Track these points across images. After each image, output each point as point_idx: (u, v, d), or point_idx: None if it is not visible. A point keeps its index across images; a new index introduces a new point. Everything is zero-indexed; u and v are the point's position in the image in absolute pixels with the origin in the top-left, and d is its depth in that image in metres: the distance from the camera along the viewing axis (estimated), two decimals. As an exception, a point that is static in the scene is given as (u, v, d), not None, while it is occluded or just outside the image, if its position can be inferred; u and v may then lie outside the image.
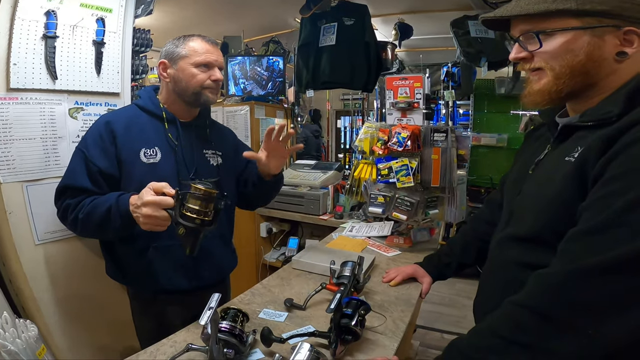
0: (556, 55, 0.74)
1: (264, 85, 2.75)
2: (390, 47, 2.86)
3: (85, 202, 1.14)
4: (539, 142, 0.93)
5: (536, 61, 0.77)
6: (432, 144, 1.59)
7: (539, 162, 0.87)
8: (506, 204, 0.96)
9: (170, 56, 1.24)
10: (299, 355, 0.69)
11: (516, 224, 0.86)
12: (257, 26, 3.63)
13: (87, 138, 1.21)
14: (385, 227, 1.83)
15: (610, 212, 0.61)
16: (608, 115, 0.70)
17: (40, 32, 1.36)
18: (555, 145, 0.84)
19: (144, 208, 0.99)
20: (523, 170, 0.91)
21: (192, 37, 1.25)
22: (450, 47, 3.68)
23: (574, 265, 0.62)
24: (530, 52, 0.78)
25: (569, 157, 0.73)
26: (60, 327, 1.46)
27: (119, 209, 1.07)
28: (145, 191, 1.01)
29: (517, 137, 3.65)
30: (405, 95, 1.70)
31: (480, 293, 0.99)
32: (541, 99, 0.79)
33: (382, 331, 1.04)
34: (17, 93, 1.33)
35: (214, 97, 1.29)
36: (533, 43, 0.76)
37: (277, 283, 1.35)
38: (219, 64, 1.27)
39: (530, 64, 0.79)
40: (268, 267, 2.75)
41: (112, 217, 1.08)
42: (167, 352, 0.91)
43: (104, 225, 1.10)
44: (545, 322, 0.62)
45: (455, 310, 3.17)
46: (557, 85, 0.75)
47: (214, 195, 0.97)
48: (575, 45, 0.72)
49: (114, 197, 1.10)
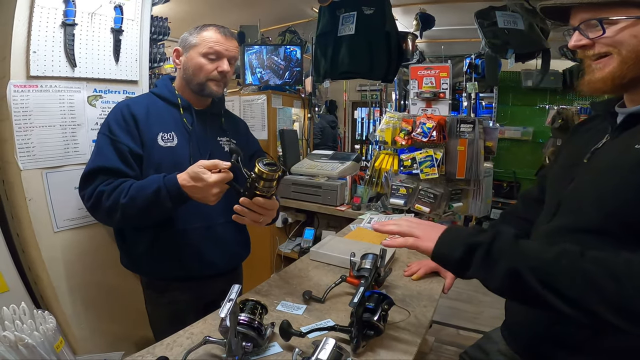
0: (620, 40, 0.72)
1: (281, 74, 2.72)
2: (411, 38, 2.78)
3: (124, 186, 1.11)
4: (591, 133, 0.89)
5: (599, 47, 0.75)
6: (458, 135, 1.53)
7: (595, 150, 0.83)
8: (552, 195, 0.91)
9: (184, 44, 1.25)
10: (324, 352, 0.66)
11: (570, 215, 0.81)
12: (273, 16, 3.58)
13: (110, 122, 1.19)
14: (405, 220, 1.78)
15: None
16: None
17: (60, 19, 1.35)
18: (616, 134, 0.80)
19: (213, 189, 1.02)
20: (574, 160, 0.87)
21: (207, 27, 1.24)
22: (473, 39, 3.58)
23: None
24: (591, 40, 0.76)
25: (639, 145, 0.70)
26: (77, 315, 1.47)
27: (168, 190, 1.06)
28: (200, 171, 1.02)
29: (543, 130, 3.56)
30: (431, 85, 1.64)
31: None
32: (603, 86, 0.76)
33: (405, 326, 1.00)
34: (37, 81, 1.33)
35: (218, 90, 1.27)
36: (595, 30, 0.75)
37: (295, 274, 1.32)
38: (229, 55, 1.24)
39: (592, 50, 0.77)
40: (283, 258, 2.74)
41: (161, 199, 1.06)
42: (183, 344, 0.89)
43: (151, 208, 1.09)
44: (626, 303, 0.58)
45: (472, 307, 3.10)
46: (622, 71, 0.73)
47: (276, 177, 1.03)
48: (639, 32, 0.70)
49: (160, 179, 1.08)
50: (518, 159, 3.69)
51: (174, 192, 1.05)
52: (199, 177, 1.02)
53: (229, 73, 1.26)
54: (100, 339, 1.54)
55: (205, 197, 1.04)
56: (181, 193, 1.05)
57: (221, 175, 1.02)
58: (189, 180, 1.04)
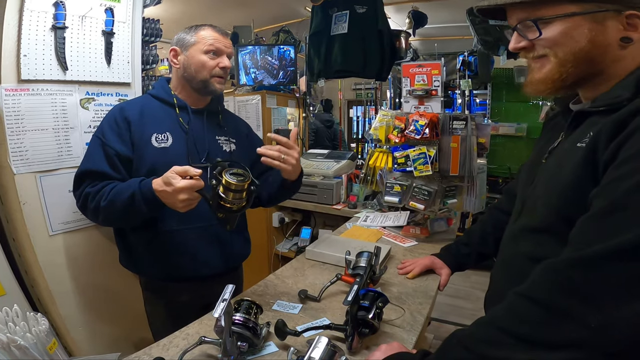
0: (557, 42, 0.71)
1: (275, 74, 2.71)
2: (404, 36, 2.79)
3: (106, 190, 1.13)
4: (554, 130, 0.90)
5: (538, 49, 0.74)
6: (451, 132, 1.54)
7: (552, 150, 0.84)
8: (519, 194, 0.93)
9: (181, 43, 1.26)
10: (317, 350, 0.66)
11: (528, 215, 0.83)
12: (267, 16, 3.59)
13: (103, 125, 1.22)
14: (401, 217, 1.79)
15: (616, 195, 0.57)
16: (619, 99, 0.66)
17: (50, 23, 1.35)
18: (568, 132, 0.80)
19: (180, 194, 0.99)
20: (537, 159, 0.88)
21: (203, 27, 1.27)
22: (466, 36, 3.59)
23: (578, 253, 0.58)
24: (530, 41, 0.74)
25: (581, 144, 0.70)
26: (75, 318, 1.46)
27: (143, 195, 1.07)
28: (170, 176, 1.00)
29: (537, 126, 3.58)
30: (423, 82, 1.65)
31: (490, 287, 0.96)
32: (544, 87, 0.75)
33: (400, 324, 1.01)
34: (28, 84, 1.32)
35: (221, 87, 1.29)
36: (532, 31, 0.73)
37: (290, 274, 1.33)
38: (228, 52, 1.28)
39: (532, 53, 0.76)
40: (280, 258, 2.74)
41: (136, 203, 1.07)
42: (179, 345, 0.89)
43: (129, 211, 1.10)
44: (545, 313, 0.58)
45: (470, 303, 3.12)
46: (561, 73, 0.72)
47: (245, 187, 0.98)
48: (575, 32, 0.69)
49: (136, 183, 1.09)
50: (513, 155, 3.70)
51: (148, 196, 1.06)
52: (168, 181, 1.01)
53: (229, 69, 1.28)
54: (99, 340, 1.53)
55: (173, 203, 1.02)
56: (155, 198, 1.05)
57: (189, 182, 0.99)
58: (161, 184, 1.03)
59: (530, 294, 0.61)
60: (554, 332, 0.56)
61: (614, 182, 0.59)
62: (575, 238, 0.61)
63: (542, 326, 0.57)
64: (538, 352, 0.57)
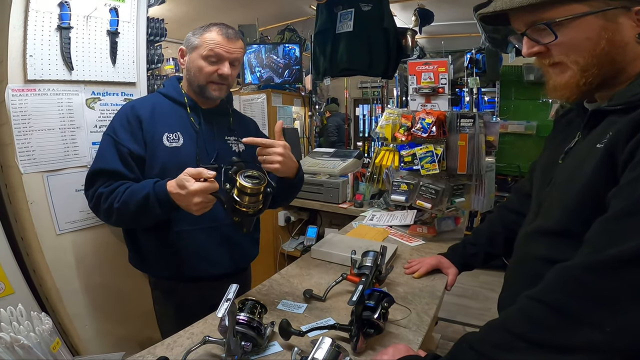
0: (575, 45, 0.68)
1: (280, 73, 2.71)
2: (410, 34, 2.76)
3: (119, 190, 1.11)
4: (569, 128, 0.87)
5: (555, 54, 0.71)
6: (459, 130, 1.51)
7: (568, 150, 0.81)
8: (535, 195, 0.90)
9: (187, 44, 1.23)
10: (320, 351, 0.65)
11: (544, 216, 0.80)
12: (271, 14, 3.58)
13: (114, 123, 1.20)
14: (407, 216, 1.77)
15: (633, 197, 0.55)
16: (637, 97, 0.64)
17: (55, 23, 1.35)
18: (585, 132, 0.78)
19: (194, 198, 0.97)
20: (553, 159, 0.86)
21: (211, 28, 1.20)
22: (473, 34, 3.55)
23: (594, 256, 0.57)
24: (545, 45, 0.71)
25: (600, 144, 0.67)
26: (82, 317, 1.47)
27: (157, 197, 1.05)
28: (184, 179, 0.99)
29: (547, 124, 3.53)
30: (429, 80, 1.63)
31: (504, 289, 0.94)
32: (570, 93, 0.72)
33: (406, 324, 0.99)
34: (35, 84, 1.33)
35: (219, 94, 1.25)
36: (546, 35, 0.70)
37: (296, 273, 1.32)
38: (230, 57, 1.21)
39: (548, 59, 0.72)
40: (286, 257, 2.73)
41: (150, 205, 1.06)
42: (184, 344, 0.89)
43: (142, 213, 1.08)
44: (558, 317, 0.56)
45: (478, 303, 3.09)
46: (586, 78, 0.69)
47: (261, 190, 0.95)
48: (592, 33, 0.66)
49: (150, 184, 1.08)
50: (522, 153, 3.65)
51: (162, 198, 1.04)
52: (182, 184, 0.99)
53: (230, 76, 1.23)
54: (106, 340, 1.54)
55: (188, 206, 1.00)
56: (169, 200, 1.03)
57: (203, 185, 0.97)
58: (175, 187, 1.02)
59: (543, 297, 0.60)
60: (567, 336, 0.55)
61: (631, 182, 0.57)
62: (591, 239, 0.60)
63: (555, 330, 0.56)
64: (551, 356, 0.55)
